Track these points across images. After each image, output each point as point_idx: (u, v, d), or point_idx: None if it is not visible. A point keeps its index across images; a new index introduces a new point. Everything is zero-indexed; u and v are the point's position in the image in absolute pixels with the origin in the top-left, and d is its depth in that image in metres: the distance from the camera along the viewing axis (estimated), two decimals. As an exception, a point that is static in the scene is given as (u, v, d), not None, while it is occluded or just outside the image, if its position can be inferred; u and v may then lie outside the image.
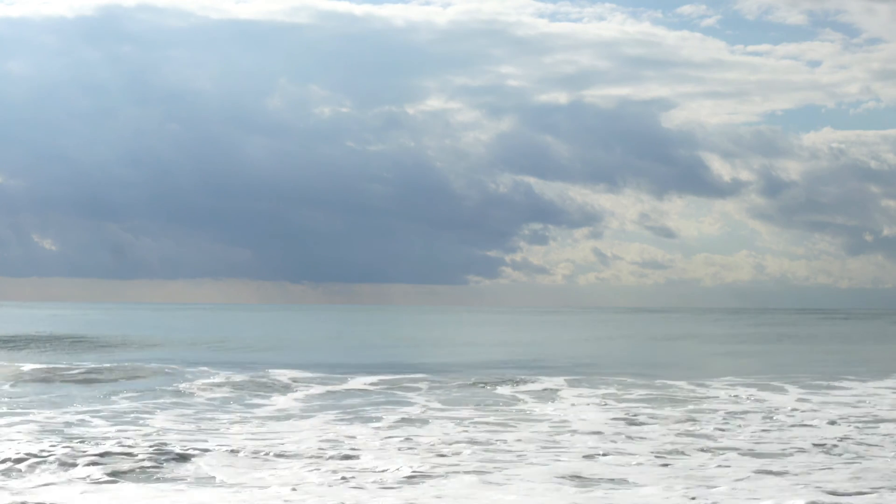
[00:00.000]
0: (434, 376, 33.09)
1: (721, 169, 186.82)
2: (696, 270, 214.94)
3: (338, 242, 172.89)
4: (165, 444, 17.47)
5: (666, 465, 16.22)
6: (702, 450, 17.72)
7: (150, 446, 17.18)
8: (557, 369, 37.67)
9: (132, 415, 22.30)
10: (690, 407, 24.34)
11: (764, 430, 20.24)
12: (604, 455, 17.11)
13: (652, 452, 17.38)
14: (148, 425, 20.49)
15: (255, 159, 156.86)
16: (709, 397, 26.65)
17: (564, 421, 21.70)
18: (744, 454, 17.29)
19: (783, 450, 17.77)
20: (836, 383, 30.92)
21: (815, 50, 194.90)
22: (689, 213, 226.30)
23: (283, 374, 32.87)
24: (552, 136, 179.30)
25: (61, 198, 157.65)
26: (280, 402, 25.43)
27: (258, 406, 24.51)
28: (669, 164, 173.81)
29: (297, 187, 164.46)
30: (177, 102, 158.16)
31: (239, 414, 22.79)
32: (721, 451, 17.51)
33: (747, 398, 26.37)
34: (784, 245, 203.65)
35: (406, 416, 22.44)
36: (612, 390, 28.42)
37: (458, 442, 18.44)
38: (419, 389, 28.58)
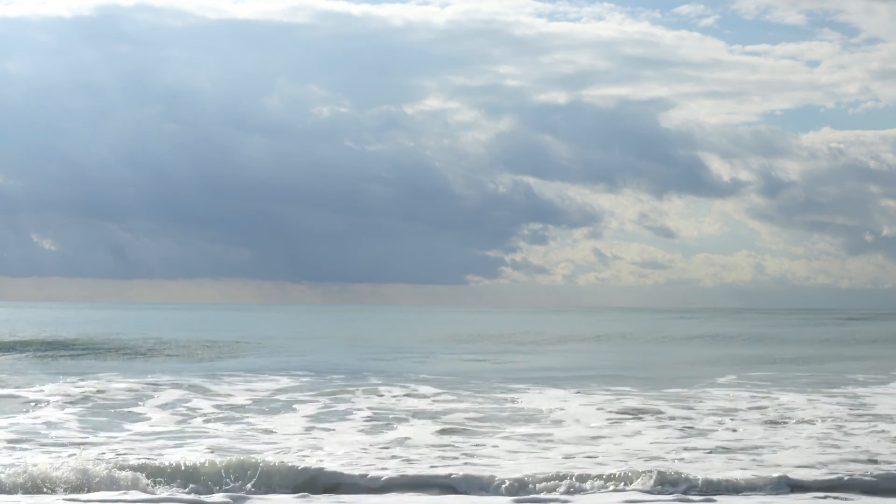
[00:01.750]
0: (434, 376, 32.45)
1: (720, 169, 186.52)
2: (696, 270, 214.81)
3: (337, 242, 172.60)
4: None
5: (651, 464, 15.54)
6: (689, 449, 17.02)
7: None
8: (555, 368, 37.14)
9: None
10: (687, 406, 23.64)
11: (762, 431, 19.52)
12: (587, 456, 16.47)
13: (637, 454, 16.71)
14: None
15: (254, 159, 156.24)
16: (707, 398, 25.94)
17: (551, 420, 21.04)
18: (735, 455, 16.61)
19: (780, 450, 17.07)
20: (839, 384, 30.19)
21: (814, 50, 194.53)
22: (689, 213, 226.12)
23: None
24: (551, 135, 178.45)
25: (61, 198, 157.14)
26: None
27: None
28: (669, 164, 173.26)
29: (296, 187, 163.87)
30: (175, 102, 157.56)
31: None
32: (713, 451, 16.86)
33: (745, 399, 25.66)
34: (784, 245, 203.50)
35: (379, 415, 21.83)
36: (607, 389, 27.71)
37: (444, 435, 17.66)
38: (416, 385, 27.91)
